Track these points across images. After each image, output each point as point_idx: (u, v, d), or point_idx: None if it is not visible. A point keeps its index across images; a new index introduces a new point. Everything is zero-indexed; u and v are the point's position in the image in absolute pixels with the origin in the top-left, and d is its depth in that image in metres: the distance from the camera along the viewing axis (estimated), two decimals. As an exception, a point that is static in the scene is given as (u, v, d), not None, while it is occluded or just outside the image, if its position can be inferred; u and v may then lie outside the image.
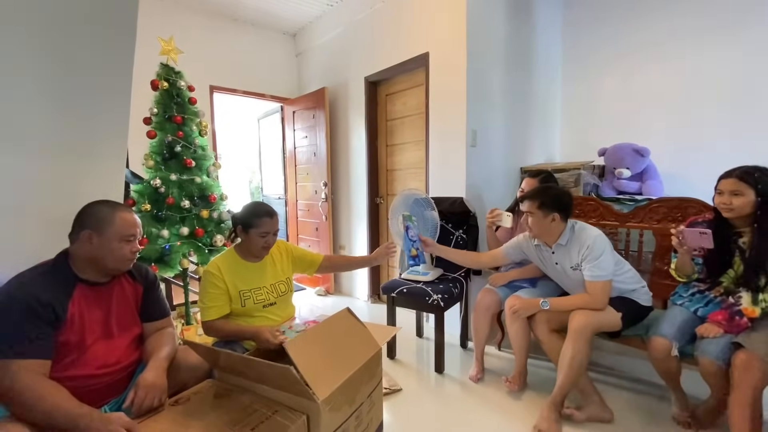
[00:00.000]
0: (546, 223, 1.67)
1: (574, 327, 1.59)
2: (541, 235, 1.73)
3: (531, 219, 1.69)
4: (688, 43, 2.55)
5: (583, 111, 3.10)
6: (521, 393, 1.90)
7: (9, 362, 0.96)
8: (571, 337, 1.59)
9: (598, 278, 1.60)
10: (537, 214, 1.67)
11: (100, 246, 1.13)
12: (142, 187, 2.24)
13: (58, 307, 1.06)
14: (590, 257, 1.62)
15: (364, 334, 1.36)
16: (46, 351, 1.02)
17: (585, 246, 1.63)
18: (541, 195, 1.69)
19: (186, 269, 2.38)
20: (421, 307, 2.28)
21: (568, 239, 1.69)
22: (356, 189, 3.48)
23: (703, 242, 1.46)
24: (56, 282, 1.09)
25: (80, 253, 1.14)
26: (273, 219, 1.57)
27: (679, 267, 1.62)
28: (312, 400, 1.02)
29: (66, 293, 1.10)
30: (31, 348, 0.99)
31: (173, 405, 1.10)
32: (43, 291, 1.04)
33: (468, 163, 2.46)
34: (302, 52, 4.09)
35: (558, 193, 1.71)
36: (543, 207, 1.66)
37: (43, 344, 1.02)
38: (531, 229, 1.72)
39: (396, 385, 1.97)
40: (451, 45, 2.49)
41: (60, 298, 1.07)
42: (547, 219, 1.66)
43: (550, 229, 1.69)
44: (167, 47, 2.36)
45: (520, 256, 1.90)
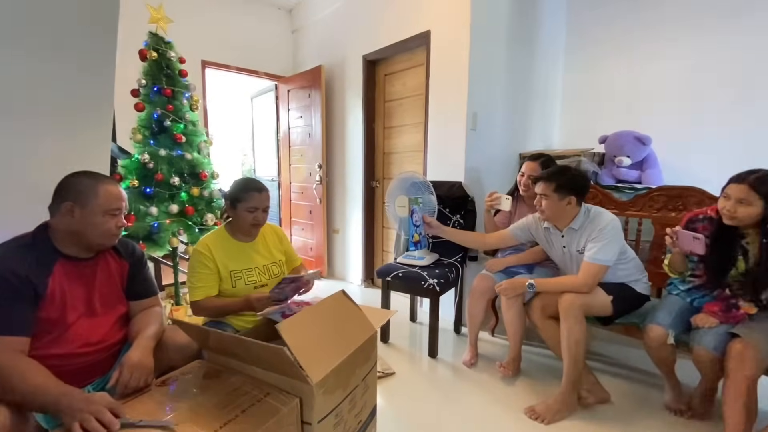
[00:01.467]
0: (561, 207, 1.63)
1: (563, 307, 1.59)
2: (554, 219, 1.68)
3: (545, 202, 1.63)
4: (693, 30, 2.49)
5: (584, 97, 3.04)
6: (515, 379, 1.90)
7: None
8: (563, 318, 1.59)
9: (596, 261, 1.58)
10: (552, 197, 1.62)
11: (82, 219, 1.07)
12: (129, 162, 2.15)
13: (37, 282, 1.00)
14: (597, 239, 1.59)
15: (359, 316, 1.32)
16: (24, 328, 0.97)
17: (597, 229, 1.60)
18: (558, 177, 1.63)
19: (175, 248, 2.31)
20: (416, 292, 2.25)
21: (582, 224, 1.65)
22: (352, 172, 3.41)
23: (695, 247, 1.44)
24: (35, 256, 1.03)
25: (61, 227, 1.08)
26: (262, 194, 1.51)
27: (672, 263, 1.60)
28: (305, 383, 0.99)
29: (45, 268, 1.04)
30: (8, 324, 0.94)
31: (160, 386, 1.05)
32: (21, 265, 0.98)
33: (467, 147, 2.40)
34: (298, 29, 3.95)
35: (575, 174, 1.66)
36: (559, 189, 1.60)
37: (21, 320, 0.96)
38: (544, 212, 1.66)
39: (389, 369, 1.96)
40: (453, 24, 2.40)
41: (39, 273, 1.01)
42: (562, 202, 1.62)
43: (564, 213, 1.65)
44: (156, 15, 2.24)
45: (528, 237, 1.87)
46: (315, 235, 3.78)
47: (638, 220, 2.07)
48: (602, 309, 1.63)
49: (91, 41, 1.49)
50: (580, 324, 1.56)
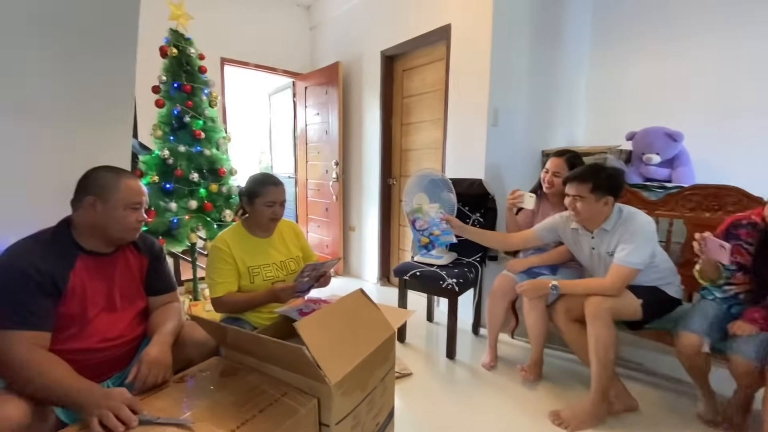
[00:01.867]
0: (598, 208, 1.53)
1: (589, 311, 1.52)
2: (588, 220, 1.59)
3: (581, 204, 1.54)
4: (724, 24, 2.37)
5: (609, 93, 2.93)
6: (536, 383, 1.84)
7: (6, 333, 0.91)
8: (590, 322, 1.51)
9: (627, 264, 1.50)
10: (589, 198, 1.52)
11: (104, 213, 1.07)
12: (150, 158, 2.17)
13: (58, 278, 1.00)
14: (629, 241, 1.51)
15: (377, 316, 1.29)
16: (45, 322, 0.97)
17: (630, 230, 1.52)
18: (595, 176, 1.53)
19: (194, 244, 2.33)
20: (434, 291, 2.21)
21: (614, 224, 1.56)
22: (368, 169, 3.38)
23: (720, 256, 1.36)
24: (57, 251, 1.03)
25: (83, 221, 1.08)
26: (279, 188, 1.50)
27: (703, 271, 1.50)
28: (324, 383, 0.96)
29: (67, 263, 1.04)
30: (30, 319, 0.94)
31: (178, 382, 1.04)
32: (43, 260, 0.98)
33: (488, 144, 2.34)
34: (316, 25, 3.94)
35: (612, 173, 1.56)
36: (597, 190, 1.51)
37: (42, 315, 0.96)
38: (579, 214, 1.57)
39: (406, 369, 1.92)
40: (475, 17, 2.34)
41: (60, 268, 1.01)
42: (599, 203, 1.52)
43: (600, 214, 1.56)
44: (177, 12, 2.26)
45: (554, 237, 1.79)
46: (331, 232, 3.77)
47: (669, 221, 1.98)
48: (631, 313, 1.55)
49: (113, 39, 1.50)
50: (609, 329, 1.49)
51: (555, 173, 1.90)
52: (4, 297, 0.93)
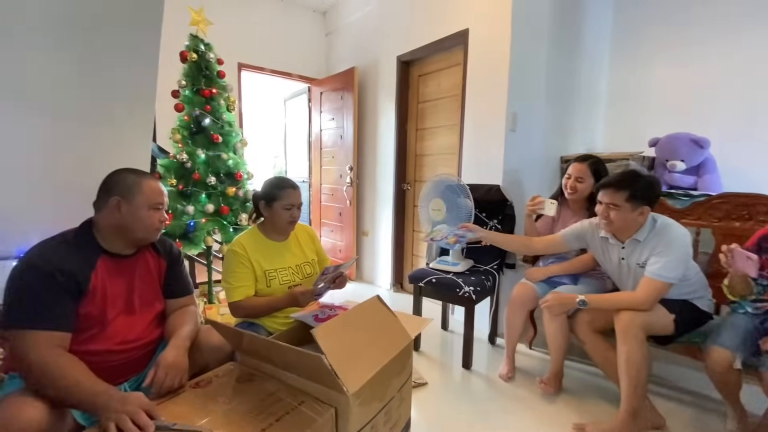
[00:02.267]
0: (633, 218, 1.46)
1: (620, 327, 1.44)
2: (621, 230, 1.52)
3: (615, 213, 1.46)
4: (752, 24, 2.28)
5: (630, 98, 2.85)
6: (556, 396, 1.78)
7: (27, 333, 0.91)
8: (620, 339, 1.44)
9: (660, 278, 1.42)
10: (624, 208, 1.44)
11: (128, 214, 1.08)
12: (168, 161, 2.19)
13: (81, 278, 1.00)
14: (663, 253, 1.43)
15: (394, 324, 1.26)
16: (66, 323, 0.97)
17: (664, 242, 1.44)
18: (632, 184, 1.44)
19: (210, 247, 2.34)
20: (450, 299, 2.17)
21: (647, 235, 1.49)
22: (383, 174, 3.37)
23: (747, 268, 1.30)
24: (79, 252, 1.04)
25: (106, 222, 1.09)
26: (296, 191, 1.51)
27: (732, 285, 1.42)
28: (341, 393, 0.94)
29: (89, 264, 1.04)
30: (51, 319, 0.94)
31: (194, 387, 1.03)
32: (65, 260, 0.99)
33: (506, 149, 2.30)
34: (332, 31, 3.96)
35: (650, 181, 1.47)
36: (634, 199, 1.43)
37: (63, 316, 0.96)
38: (611, 223, 1.49)
39: (421, 379, 1.88)
40: (493, 21, 2.31)
41: (82, 269, 1.02)
42: (635, 213, 1.45)
43: (634, 224, 1.48)
44: (197, 18, 2.29)
45: (580, 245, 1.72)
46: (344, 237, 3.76)
47: (696, 230, 1.90)
48: (663, 328, 1.47)
49: (137, 43, 1.52)
50: (641, 346, 1.40)
51: (578, 179, 1.85)
52: (27, 297, 0.94)
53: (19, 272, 0.96)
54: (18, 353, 0.90)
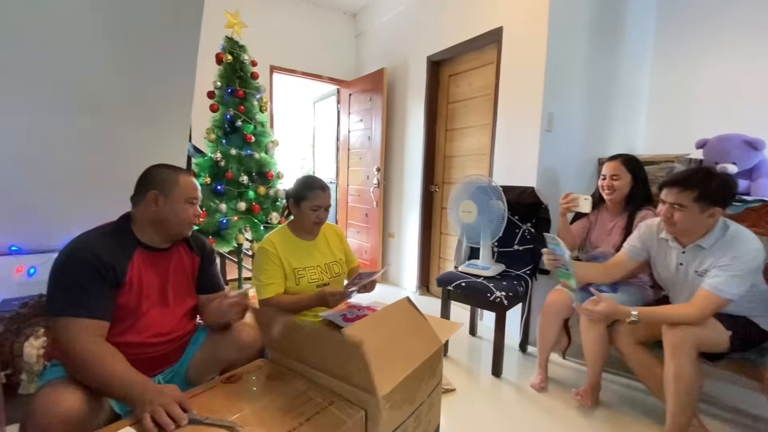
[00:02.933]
0: (701, 221, 1.31)
1: (670, 343, 1.32)
2: (684, 233, 1.38)
3: (680, 214, 1.32)
4: None
5: (674, 98, 2.70)
6: (593, 410, 1.68)
7: (69, 320, 0.94)
8: (669, 355, 1.32)
9: (720, 293, 1.28)
10: (692, 209, 1.30)
11: (165, 207, 1.11)
12: (203, 160, 2.26)
13: (119, 269, 1.03)
14: (729, 267, 1.28)
15: (425, 327, 1.23)
16: (106, 312, 1.00)
17: (732, 254, 1.29)
18: (704, 183, 1.29)
19: (241, 245, 2.38)
20: (480, 304, 2.11)
21: (714, 242, 1.34)
22: (410, 175, 3.34)
23: None
24: (117, 244, 1.07)
25: (144, 216, 1.12)
26: (325, 192, 1.50)
27: None
28: (372, 395, 0.91)
29: (126, 256, 1.07)
30: (93, 308, 0.97)
31: (225, 382, 1.04)
32: (105, 251, 1.02)
33: (541, 150, 2.22)
34: (362, 33, 3.98)
35: (725, 180, 1.32)
36: (703, 200, 1.28)
37: (102, 305, 0.99)
38: (674, 225, 1.35)
39: (450, 385, 1.83)
40: (529, 19, 2.24)
41: (120, 260, 1.05)
42: (703, 215, 1.30)
43: (700, 227, 1.34)
44: (233, 20, 2.35)
45: (646, 255, 1.57)
46: (370, 238, 3.75)
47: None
48: (717, 345, 1.35)
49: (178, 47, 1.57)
50: (694, 365, 1.28)
51: (613, 176, 1.76)
52: (70, 285, 0.97)
53: (62, 262, 0.99)
54: (60, 340, 0.93)
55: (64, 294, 0.96)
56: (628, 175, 1.77)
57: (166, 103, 1.59)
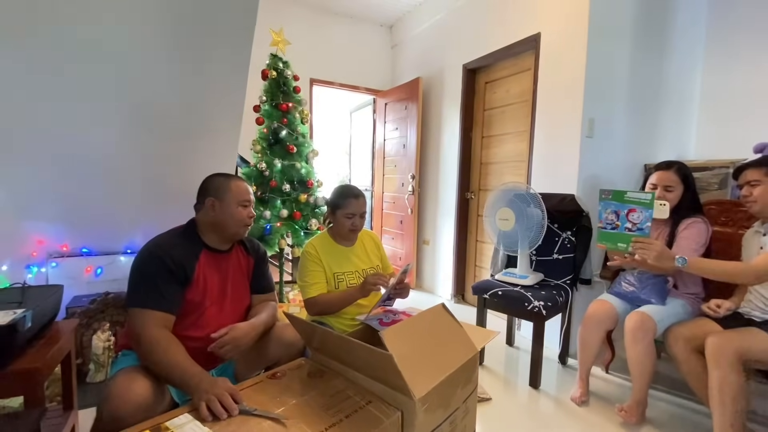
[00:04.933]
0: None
1: (710, 351, 1.31)
2: (766, 209, 1.45)
3: (757, 189, 1.44)
4: None
5: (730, 100, 2.53)
6: (638, 427, 1.60)
7: (143, 311, 1.06)
8: (711, 364, 1.30)
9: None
10: (765, 182, 1.42)
11: (221, 211, 1.22)
12: (249, 170, 2.40)
13: (188, 268, 1.15)
14: None
15: (460, 334, 1.24)
16: (174, 306, 1.11)
17: None
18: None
19: (282, 249, 2.50)
20: (517, 314, 2.07)
21: None
22: (445, 183, 3.35)
23: None
24: (186, 245, 1.19)
25: (205, 220, 1.23)
26: (359, 200, 1.55)
27: None
28: (408, 397, 0.94)
29: (194, 256, 1.19)
30: (162, 302, 1.09)
31: (270, 378, 1.10)
32: (177, 252, 1.14)
33: (582, 157, 2.16)
34: (398, 44, 4.06)
35: None
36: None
37: (172, 300, 1.11)
38: (756, 201, 1.45)
39: (486, 394, 1.82)
40: (568, 23, 2.21)
41: (189, 260, 1.17)
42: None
43: None
44: (277, 38, 2.49)
45: None
46: (405, 245, 3.78)
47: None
48: (765, 355, 1.29)
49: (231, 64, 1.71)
50: (737, 373, 1.25)
51: (666, 187, 1.67)
52: (146, 280, 1.09)
53: (139, 260, 1.13)
54: (133, 329, 1.06)
55: (139, 288, 1.09)
56: (681, 185, 1.68)
57: (220, 119, 1.74)
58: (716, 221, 1.84)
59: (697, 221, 1.62)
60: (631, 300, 1.72)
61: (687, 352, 1.44)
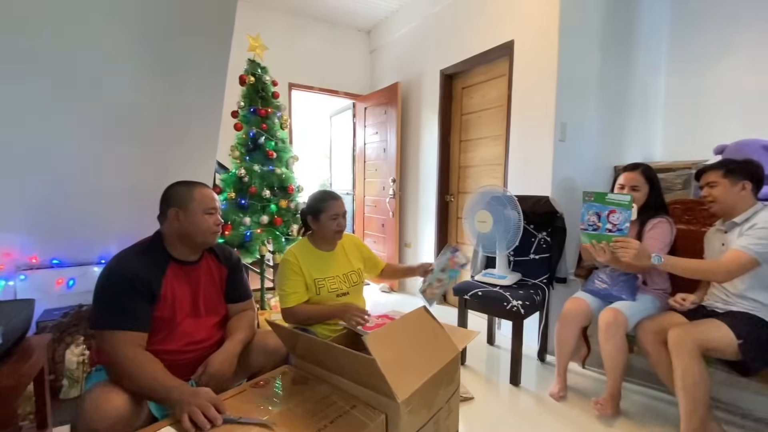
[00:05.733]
0: (734, 193, 1.47)
1: (672, 342, 1.39)
2: (726, 209, 1.51)
3: (716, 190, 1.51)
4: None
5: (692, 103, 2.68)
6: (613, 419, 1.67)
7: (113, 333, 1.02)
8: (673, 354, 1.38)
9: (747, 250, 1.36)
10: (723, 183, 1.48)
11: (186, 221, 1.18)
12: (227, 176, 2.37)
13: (155, 284, 1.11)
14: (753, 231, 1.39)
15: (442, 335, 1.27)
16: (144, 324, 1.08)
17: (759, 225, 1.39)
18: (727, 162, 1.52)
19: (263, 256, 2.48)
20: (497, 313, 2.12)
21: (746, 218, 1.46)
22: (425, 186, 3.39)
23: None
24: (152, 260, 1.15)
25: (170, 231, 1.20)
26: (339, 201, 1.58)
27: None
28: (392, 399, 0.96)
29: (161, 270, 1.15)
30: (132, 321, 1.05)
31: (253, 387, 1.10)
32: (142, 268, 1.10)
33: (555, 159, 2.24)
34: (376, 49, 4.10)
35: (746, 160, 1.51)
36: (731, 174, 1.47)
37: (141, 318, 1.07)
38: (715, 201, 1.52)
39: (468, 393, 1.85)
40: (540, 31, 2.29)
41: (156, 275, 1.13)
42: (735, 188, 1.46)
43: (738, 200, 1.47)
44: (254, 44, 2.48)
45: None
46: (387, 248, 3.80)
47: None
48: (723, 351, 1.36)
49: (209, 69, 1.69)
50: (697, 362, 1.34)
51: (633, 188, 1.76)
52: (113, 301, 1.06)
53: (104, 280, 1.09)
54: (103, 350, 1.02)
55: (107, 309, 1.05)
56: (646, 185, 1.78)
57: (198, 125, 1.71)
58: (680, 220, 1.94)
59: (662, 221, 1.71)
60: (603, 297, 1.79)
61: (655, 344, 1.52)
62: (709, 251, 1.62)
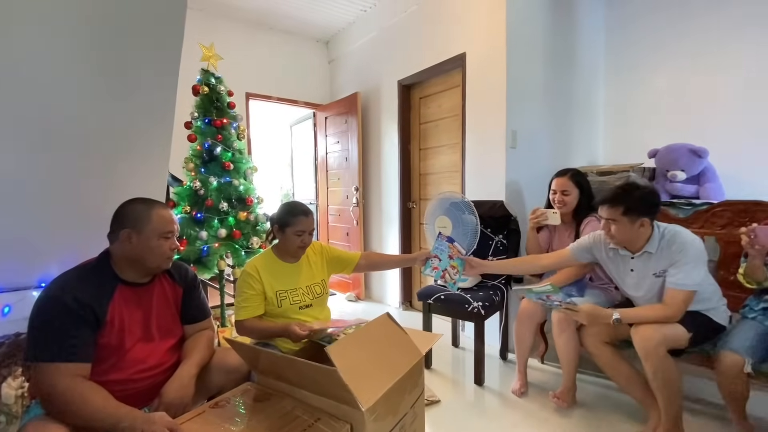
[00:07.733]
0: (633, 231, 1.48)
1: (639, 345, 1.44)
2: (626, 243, 1.54)
3: (615, 227, 1.49)
4: (748, 34, 2.36)
5: (628, 110, 2.93)
6: (571, 410, 1.77)
7: (49, 366, 0.94)
8: (643, 356, 1.44)
9: (683, 287, 1.43)
10: (622, 221, 1.47)
11: (139, 244, 1.10)
12: (182, 189, 2.28)
13: (98, 309, 1.04)
14: (680, 262, 1.44)
15: (405, 340, 1.29)
16: (86, 354, 1.00)
17: (679, 251, 1.45)
18: (626, 198, 1.47)
19: (222, 271, 2.39)
20: (459, 315, 2.18)
21: (658, 246, 1.50)
22: (388, 193, 3.44)
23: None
24: (97, 282, 1.07)
25: (120, 253, 1.12)
26: (309, 218, 1.55)
27: (749, 272, 1.45)
28: (356, 408, 0.96)
29: (106, 294, 1.07)
30: (71, 351, 0.97)
31: (213, 407, 1.06)
32: (83, 292, 1.02)
33: (508, 166, 2.36)
34: (335, 59, 4.13)
35: (644, 193, 1.49)
36: (629, 212, 1.46)
37: (82, 347, 0.99)
38: (614, 237, 1.52)
39: (434, 396, 1.88)
40: (489, 44, 2.42)
41: (100, 300, 1.05)
42: (634, 225, 1.47)
43: (637, 236, 1.51)
44: (208, 53, 2.42)
45: (589, 257, 1.71)
46: (352, 257, 3.79)
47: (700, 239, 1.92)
48: (678, 342, 1.47)
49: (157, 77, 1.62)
50: (666, 360, 1.41)
51: (563, 192, 1.92)
52: (48, 329, 0.97)
53: (40, 306, 1.00)
54: (40, 384, 0.94)
55: (43, 339, 0.96)
56: (575, 189, 1.92)
57: (147, 137, 1.64)
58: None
59: (593, 219, 1.86)
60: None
61: (599, 345, 1.61)
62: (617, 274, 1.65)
